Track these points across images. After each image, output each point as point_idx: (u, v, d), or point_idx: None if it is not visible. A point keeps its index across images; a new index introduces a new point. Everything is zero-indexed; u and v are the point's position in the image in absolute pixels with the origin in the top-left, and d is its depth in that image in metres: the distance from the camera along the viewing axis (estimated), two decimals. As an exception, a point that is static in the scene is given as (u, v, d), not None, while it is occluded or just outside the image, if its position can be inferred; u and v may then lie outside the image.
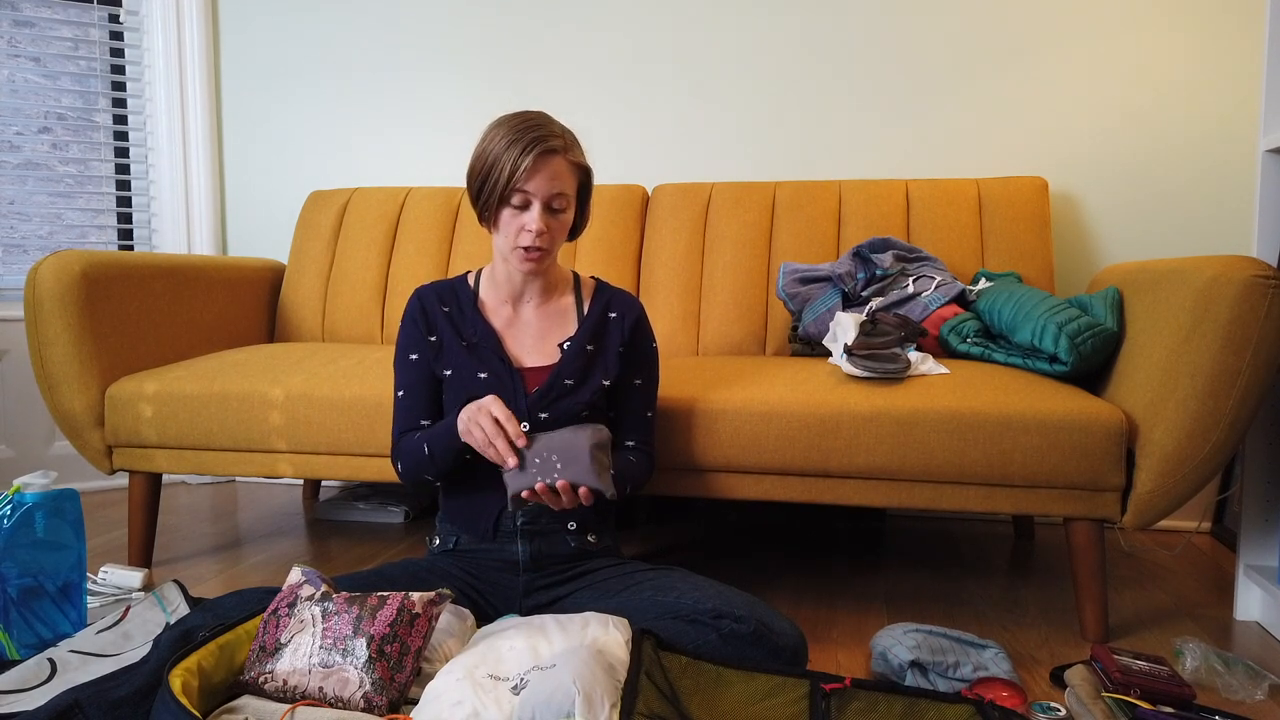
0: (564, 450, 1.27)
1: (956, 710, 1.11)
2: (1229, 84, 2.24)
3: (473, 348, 1.45)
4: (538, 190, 1.36)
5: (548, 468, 1.26)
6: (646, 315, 1.54)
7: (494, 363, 1.44)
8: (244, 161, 2.79)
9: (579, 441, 1.27)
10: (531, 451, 1.28)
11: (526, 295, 1.50)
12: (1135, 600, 1.77)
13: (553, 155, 1.36)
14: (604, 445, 1.31)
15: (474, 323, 1.48)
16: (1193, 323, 1.38)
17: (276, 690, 1.13)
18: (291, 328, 2.41)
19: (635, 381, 1.51)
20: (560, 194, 1.38)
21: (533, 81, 2.60)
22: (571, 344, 1.46)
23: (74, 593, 1.50)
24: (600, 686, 1.04)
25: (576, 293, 1.53)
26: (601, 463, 1.29)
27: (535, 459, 1.27)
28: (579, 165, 1.42)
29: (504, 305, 1.50)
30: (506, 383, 1.42)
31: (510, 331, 1.48)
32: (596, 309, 1.51)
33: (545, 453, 1.27)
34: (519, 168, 1.34)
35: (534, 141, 1.34)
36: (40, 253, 2.64)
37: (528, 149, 1.34)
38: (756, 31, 2.47)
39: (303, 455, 1.77)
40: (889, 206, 2.19)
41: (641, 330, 1.52)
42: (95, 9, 2.65)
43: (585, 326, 1.48)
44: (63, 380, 1.81)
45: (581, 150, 1.44)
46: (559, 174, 1.37)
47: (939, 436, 1.51)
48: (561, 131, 1.40)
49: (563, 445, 1.27)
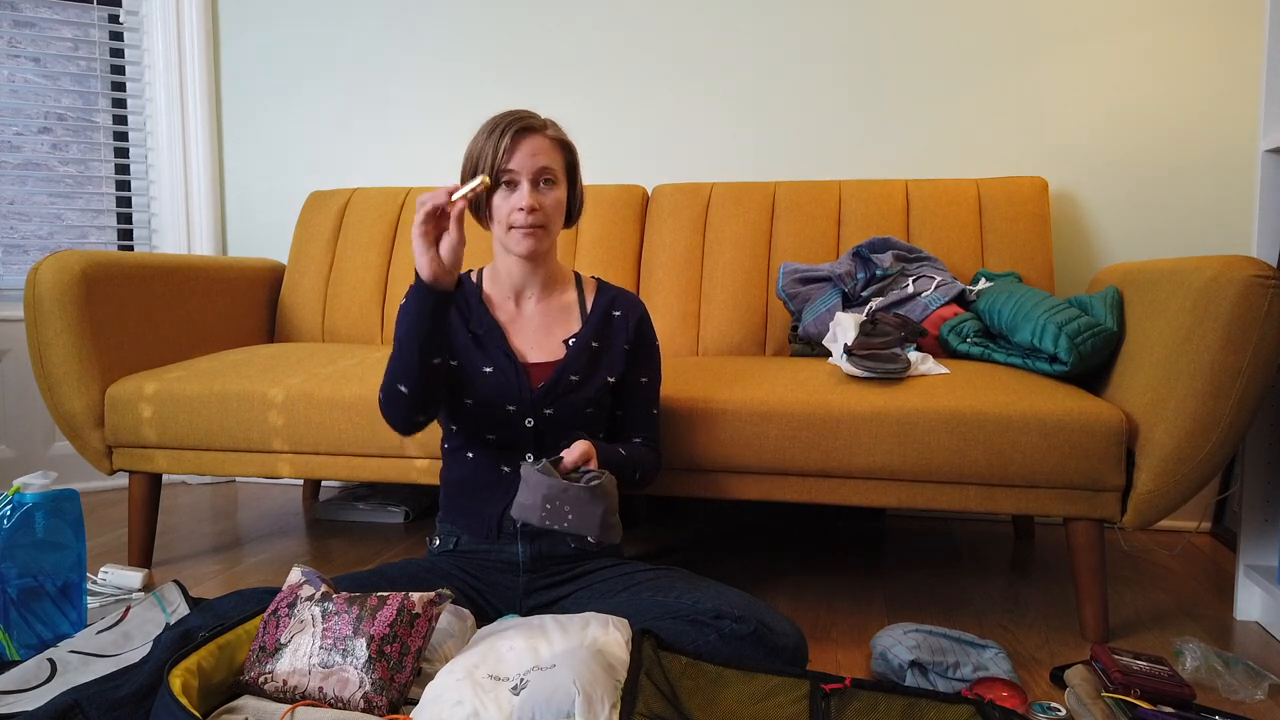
0: (578, 507, 1.27)
1: (957, 710, 1.11)
2: (1229, 84, 2.24)
3: (478, 340, 1.46)
4: (522, 167, 1.39)
5: (558, 515, 1.27)
6: (649, 313, 1.55)
7: (499, 357, 1.44)
8: (244, 161, 2.79)
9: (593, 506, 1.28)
10: (547, 494, 1.27)
11: (529, 290, 1.50)
12: (1135, 600, 1.77)
13: (531, 132, 1.40)
14: (614, 506, 1.32)
15: (479, 315, 1.48)
16: (1192, 323, 1.38)
17: (276, 690, 1.13)
18: (291, 328, 2.41)
19: (642, 379, 1.52)
20: (545, 168, 1.41)
21: (533, 81, 2.60)
22: (576, 340, 1.47)
23: (74, 593, 1.50)
24: (600, 686, 1.04)
25: (579, 290, 1.54)
26: (609, 522, 1.30)
27: (547, 504, 1.27)
28: (561, 141, 1.45)
29: (507, 301, 1.51)
30: (511, 377, 1.43)
31: (514, 326, 1.49)
32: (600, 307, 1.51)
33: (559, 502, 1.27)
34: (499, 149, 1.38)
35: (512, 123, 1.40)
36: (40, 253, 2.64)
37: (506, 130, 1.39)
38: (757, 32, 2.47)
39: (303, 455, 1.77)
40: (889, 206, 2.19)
41: (646, 328, 1.54)
42: (95, 9, 2.65)
43: (590, 324, 1.49)
44: (63, 380, 1.81)
45: (564, 131, 1.47)
46: (540, 149, 1.40)
47: (939, 436, 1.51)
48: (542, 116, 1.44)
49: (577, 503, 1.27)
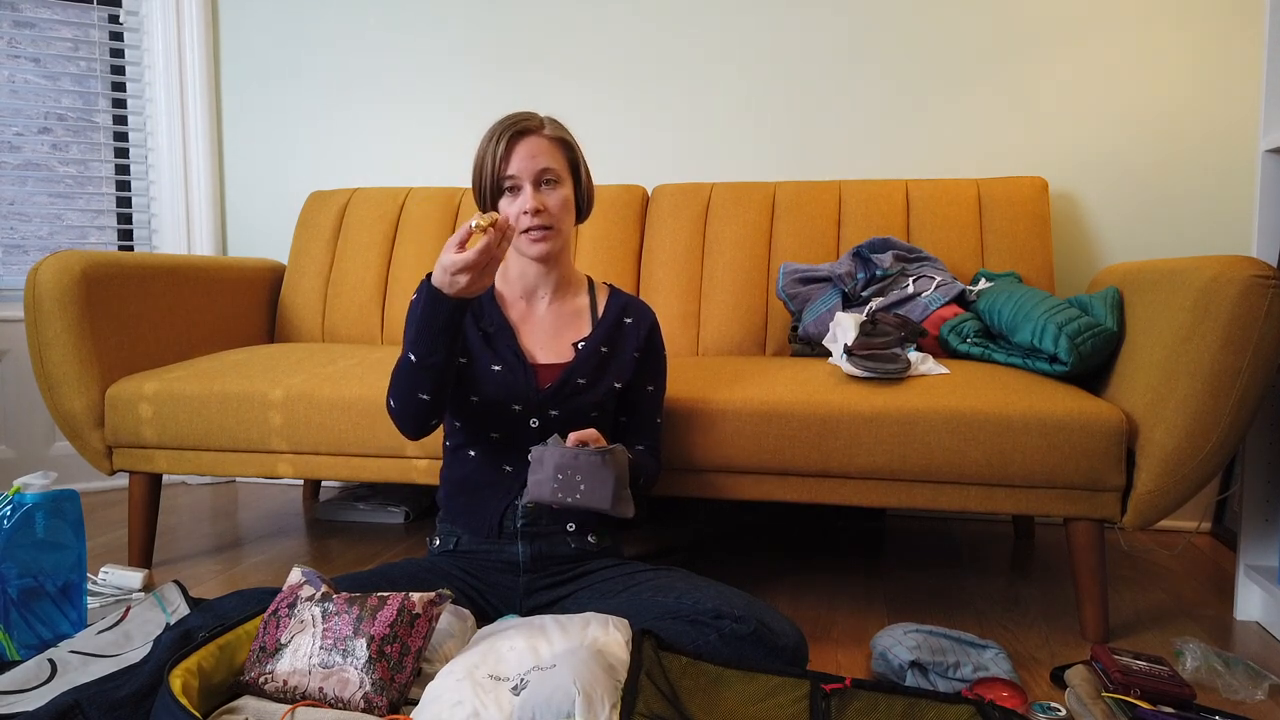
0: (589, 475, 1.29)
1: (957, 710, 1.11)
2: (1229, 84, 2.24)
3: (489, 337, 1.46)
4: (521, 170, 1.40)
5: (570, 486, 1.29)
6: (659, 323, 1.56)
7: (508, 356, 1.44)
8: (244, 161, 2.79)
9: (605, 474, 1.29)
10: (558, 464, 1.29)
11: (541, 291, 1.51)
12: (1135, 600, 1.77)
13: (526, 135, 1.41)
14: (625, 478, 1.34)
15: (491, 313, 1.49)
16: (1193, 323, 1.38)
17: (276, 691, 1.13)
18: (291, 328, 2.41)
19: (649, 388, 1.54)
20: (546, 169, 1.41)
21: (533, 81, 2.60)
22: (586, 344, 1.48)
23: (74, 593, 1.50)
24: (600, 687, 1.04)
25: (591, 295, 1.55)
26: (621, 494, 1.32)
27: (559, 474, 1.28)
28: (560, 140, 1.45)
29: (519, 300, 1.51)
30: (519, 376, 1.43)
31: (524, 327, 1.49)
32: (612, 313, 1.52)
33: (570, 471, 1.29)
34: (497, 155, 1.39)
35: (507, 128, 1.41)
36: (40, 253, 2.64)
37: (501, 136, 1.40)
38: (757, 32, 2.47)
39: (303, 455, 1.77)
40: (889, 206, 2.19)
41: (656, 337, 1.55)
42: (95, 9, 2.65)
43: (600, 328, 1.50)
44: (63, 380, 1.81)
45: (563, 128, 1.46)
46: (539, 150, 1.41)
47: (939, 436, 1.51)
48: (540, 117, 1.44)
49: (589, 470, 1.29)
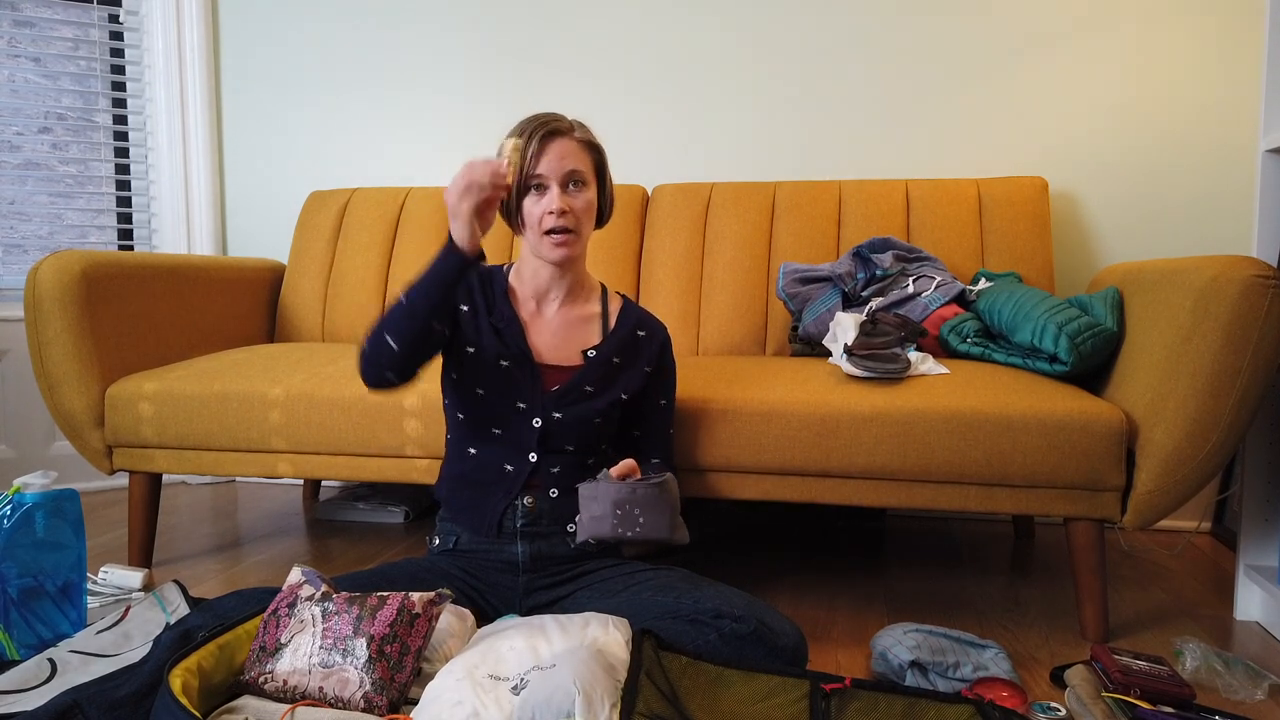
0: (647, 507, 1.27)
1: (957, 710, 1.11)
2: (1229, 84, 2.24)
3: (498, 332, 1.46)
4: (550, 171, 1.39)
5: (630, 520, 1.27)
6: (670, 339, 1.56)
7: (516, 353, 1.44)
8: (244, 161, 2.79)
9: (662, 505, 1.28)
10: (616, 500, 1.27)
11: (553, 294, 1.50)
12: (1135, 600, 1.77)
13: (558, 135, 1.40)
14: (678, 505, 1.32)
15: (502, 309, 1.48)
16: (1193, 323, 1.38)
17: (276, 690, 1.13)
18: (291, 328, 2.41)
19: (661, 401, 1.54)
20: (574, 170, 1.40)
21: (533, 81, 2.60)
22: (597, 353, 1.47)
23: (74, 593, 1.50)
24: (600, 686, 1.04)
25: (604, 304, 1.54)
26: (675, 522, 1.30)
27: (618, 510, 1.26)
28: (589, 143, 1.44)
29: (529, 300, 1.51)
30: (525, 374, 1.43)
31: (534, 326, 1.49)
32: (625, 325, 1.52)
33: (629, 506, 1.27)
34: (528, 154, 1.38)
35: (539, 127, 1.39)
36: (40, 253, 2.64)
37: (533, 135, 1.38)
38: (756, 32, 2.47)
39: (303, 455, 1.77)
40: (889, 206, 2.19)
41: (668, 353, 1.55)
42: (95, 9, 2.65)
43: (612, 339, 1.49)
44: (63, 380, 1.81)
45: (590, 132, 1.46)
46: (569, 152, 1.40)
47: (939, 436, 1.51)
48: (569, 119, 1.43)
49: (647, 503, 1.27)
